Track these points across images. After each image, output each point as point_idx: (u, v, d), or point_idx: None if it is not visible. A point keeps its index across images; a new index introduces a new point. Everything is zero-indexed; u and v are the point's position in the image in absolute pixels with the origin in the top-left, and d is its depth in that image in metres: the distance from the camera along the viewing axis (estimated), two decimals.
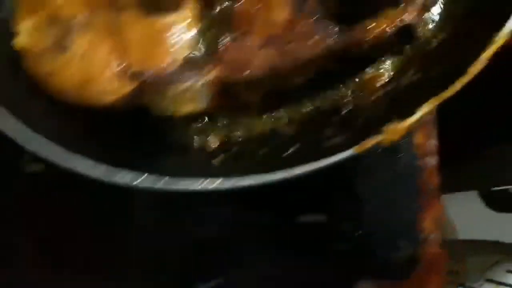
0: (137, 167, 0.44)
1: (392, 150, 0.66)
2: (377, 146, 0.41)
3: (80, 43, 0.52)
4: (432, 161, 0.74)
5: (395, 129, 0.40)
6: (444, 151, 0.76)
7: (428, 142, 0.73)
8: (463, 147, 0.94)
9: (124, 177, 0.44)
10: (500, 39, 0.40)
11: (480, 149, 0.91)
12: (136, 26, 0.52)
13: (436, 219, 0.73)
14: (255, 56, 0.49)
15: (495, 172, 0.96)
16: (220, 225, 0.64)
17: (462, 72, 0.40)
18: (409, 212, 0.68)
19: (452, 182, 1.05)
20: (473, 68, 0.39)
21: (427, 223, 0.73)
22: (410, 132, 0.69)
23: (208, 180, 0.42)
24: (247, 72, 0.49)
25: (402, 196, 0.67)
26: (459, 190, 1.17)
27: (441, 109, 0.44)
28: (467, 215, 1.16)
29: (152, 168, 0.44)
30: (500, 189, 1.11)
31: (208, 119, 0.53)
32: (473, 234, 1.15)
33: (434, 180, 0.74)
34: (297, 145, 0.51)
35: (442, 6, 0.49)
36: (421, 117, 0.40)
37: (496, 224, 1.14)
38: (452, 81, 0.40)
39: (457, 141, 0.91)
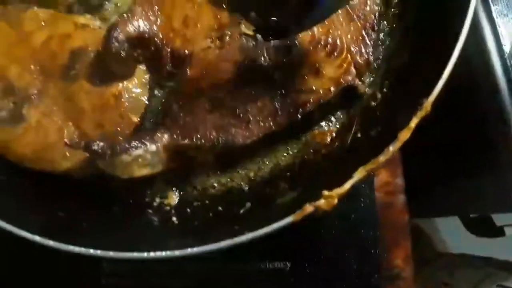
0: (89, 239, 0.45)
1: (353, 192, 0.67)
2: (315, 212, 0.42)
3: (35, 113, 0.53)
4: (399, 199, 0.75)
5: (332, 194, 0.42)
6: (419, 180, 0.78)
7: (395, 181, 0.75)
8: (437, 176, 0.95)
9: (76, 248, 0.44)
10: (428, 105, 0.41)
11: (454, 179, 0.92)
12: (88, 94, 0.53)
13: (406, 256, 0.74)
14: (203, 121, 0.50)
15: (469, 200, 0.97)
16: (186, 277, 0.64)
17: (393, 137, 0.41)
18: (374, 252, 0.68)
19: (431, 208, 1.06)
20: (403, 135, 0.41)
21: (398, 261, 0.73)
22: (371, 174, 0.71)
23: (158, 251, 0.43)
24: (197, 135, 0.50)
25: (366, 237, 0.68)
26: (439, 216, 1.18)
27: (416, 143, 0.45)
28: (459, 230, 1.17)
29: (104, 240, 0.45)
30: (480, 215, 1.12)
31: (164, 181, 0.54)
32: (465, 249, 1.16)
33: (403, 218, 0.75)
34: (250, 203, 0.52)
35: (378, 66, 0.51)
36: (357, 182, 0.42)
37: (488, 240, 1.14)
38: (385, 146, 0.42)
39: (431, 170, 0.93)
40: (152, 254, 0.44)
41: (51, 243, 0.44)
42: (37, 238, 0.44)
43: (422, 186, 0.91)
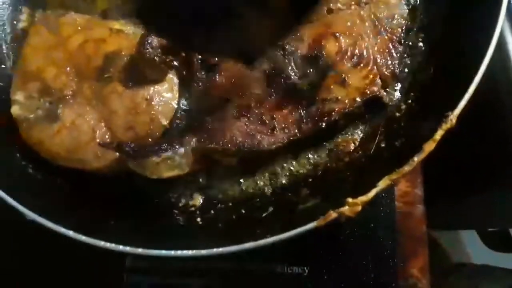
0: (117, 236, 0.47)
1: (373, 201, 0.68)
2: (339, 218, 0.43)
3: (69, 113, 0.56)
4: (418, 209, 0.75)
5: (357, 202, 0.43)
6: (439, 191, 0.78)
7: (414, 192, 0.75)
8: (457, 188, 0.95)
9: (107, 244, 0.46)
10: (453, 118, 0.42)
11: (473, 192, 0.92)
12: (121, 97, 0.55)
13: (423, 266, 0.74)
14: (230, 126, 0.52)
15: (488, 214, 0.96)
16: (205, 277, 0.66)
17: (418, 148, 0.42)
18: (392, 261, 0.69)
19: (449, 221, 1.06)
20: (428, 146, 0.42)
21: (415, 271, 0.73)
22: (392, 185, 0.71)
23: (185, 250, 0.45)
24: (224, 140, 0.52)
25: (384, 246, 0.68)
26: (457, 228, 1.17)
27: (437, 154, 0.46)
28: (478, 243, 1.16)
29: (132, 237, 0.47)
30: (498, 230, 1.11)
31: (190, 182, 0.56)
32: (484, 260, 1.15)
33: (421, 228, 0.75)
34: (273, 208, 0.53)
35: (404, 78, 0.52)
36: (381, 191, 0.43)
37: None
38: (410, 156, 0.42)
39: (451, 183, 0.92)
40: (179, 252, 0.46)
41: (83, 238, 0.46)
42: (70, 233, 0.46)
43: (441, 197, 0.91)
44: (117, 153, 0.52)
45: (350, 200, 0.42)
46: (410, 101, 0.53)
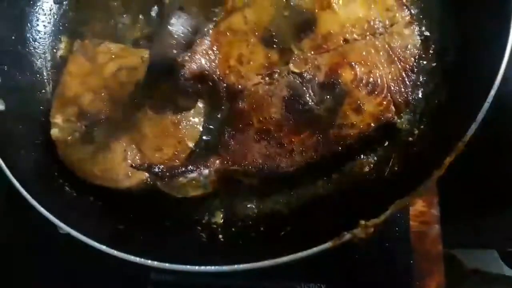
0: (143, 250, 0.50)
1: (388, 220, 0.69)
2: (353, 239, 0.46)
3: (103, 136, 0.60)
4: (434, 229, 0.76)
5: (369, 224, 0.45)
6: (456, 210, 0.79)
7: (430, 211, 0.76)
8: (475, 207, 0.95)
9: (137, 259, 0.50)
10: (461, 145, 0.45)
11: (488, 212, 0.92)
12: (150, 121, 0.60)
13: (439, 286, 0.75)
14: (251, 149, 0.55)
15: (505, 233, 0.96)
16: None
17: (428, 172, 0.45)
18: (407, 280, 0.70)
19: (466, 240, 1.06)
20: (438, 171, 0.44)
21: None
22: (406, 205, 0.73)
23: (208, 266, 0.48)
24: (245, 162, 0.55)
25: (400, 265, 0.69)
26: (473, 248, 1.16)
27: (454, 173, 0.47)
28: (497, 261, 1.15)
29: (157, 251, 0.51)
30: None
31: (212, 201, 0.59)
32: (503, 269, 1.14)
33: (436, 248, 0.76)
34: (290, 227, 0.56)
35: (417, 104, 0.55)
36: (392, 213, 0.45)
37: None
38: (421, 180, 0.45)
39: (468, 202, 0.93)
40: (203, 268, 0.49)
41: (115, 252, 0.50)
42: (103, 247, 0.50)
43: (457, 217, 0.92)
44: (147, 174, 0.56)
45: (362, 222, 0.45)
46: (422, 127, 0.55)
